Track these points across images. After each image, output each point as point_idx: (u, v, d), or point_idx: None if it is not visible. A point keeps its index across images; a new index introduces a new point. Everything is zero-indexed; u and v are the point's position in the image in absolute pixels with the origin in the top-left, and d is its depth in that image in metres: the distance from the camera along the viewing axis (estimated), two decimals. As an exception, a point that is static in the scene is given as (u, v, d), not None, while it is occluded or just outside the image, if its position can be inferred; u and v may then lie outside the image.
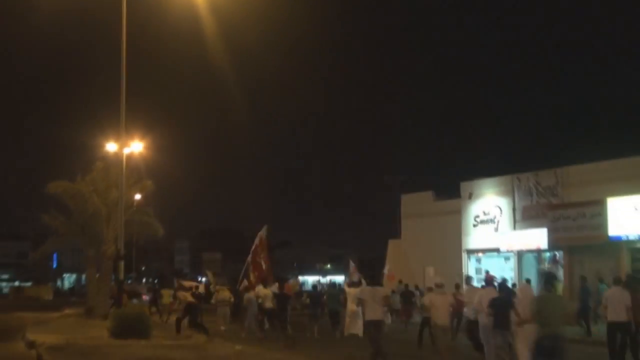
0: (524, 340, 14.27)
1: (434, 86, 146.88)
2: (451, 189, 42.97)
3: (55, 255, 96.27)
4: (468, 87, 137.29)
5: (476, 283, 25.26)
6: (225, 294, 27.46)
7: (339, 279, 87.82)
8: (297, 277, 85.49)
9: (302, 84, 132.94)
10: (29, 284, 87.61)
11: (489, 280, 18.29)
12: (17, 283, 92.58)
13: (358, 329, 23.15)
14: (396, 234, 48.02)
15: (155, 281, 78.41)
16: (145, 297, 46.17)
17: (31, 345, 18.87)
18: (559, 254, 35.74)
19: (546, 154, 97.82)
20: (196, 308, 24.57)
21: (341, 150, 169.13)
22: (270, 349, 19.62)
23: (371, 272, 25.49)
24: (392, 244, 48.21)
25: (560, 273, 35.07)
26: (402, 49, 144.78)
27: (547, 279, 12.08)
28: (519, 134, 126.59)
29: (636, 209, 30.79)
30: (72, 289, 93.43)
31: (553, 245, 34.85)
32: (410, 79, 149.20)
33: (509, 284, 23.70)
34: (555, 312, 11.05)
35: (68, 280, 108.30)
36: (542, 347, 10.77)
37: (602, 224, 31.93)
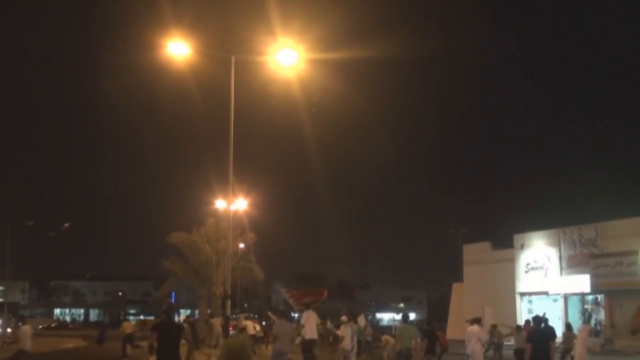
0: None
1: (496, 155, 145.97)
2: (506, 240, 42.79)
3: (173, 294, 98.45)
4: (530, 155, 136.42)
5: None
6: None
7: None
8: (374, 314, 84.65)
9: (373, 151, 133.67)
10: (151, 317, 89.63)
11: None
12: (142, 317, 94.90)
13: None
14: (459, 278, 47.81)
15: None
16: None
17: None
18: (600, 297, 35.13)
19: (587, 210, 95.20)
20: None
21: (411, 203, 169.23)
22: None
23: (437, 310, 24.31)
24: (455, 286, 48.07)
25: (602, 313, 34.53)
26: (455, 115, 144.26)
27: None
28: (564, 192, 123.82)
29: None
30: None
31: (595, 289, 34.36)
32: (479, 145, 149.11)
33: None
34: None
35: (184, 315, 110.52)
36: None
37: (637, 271, 31.46)
